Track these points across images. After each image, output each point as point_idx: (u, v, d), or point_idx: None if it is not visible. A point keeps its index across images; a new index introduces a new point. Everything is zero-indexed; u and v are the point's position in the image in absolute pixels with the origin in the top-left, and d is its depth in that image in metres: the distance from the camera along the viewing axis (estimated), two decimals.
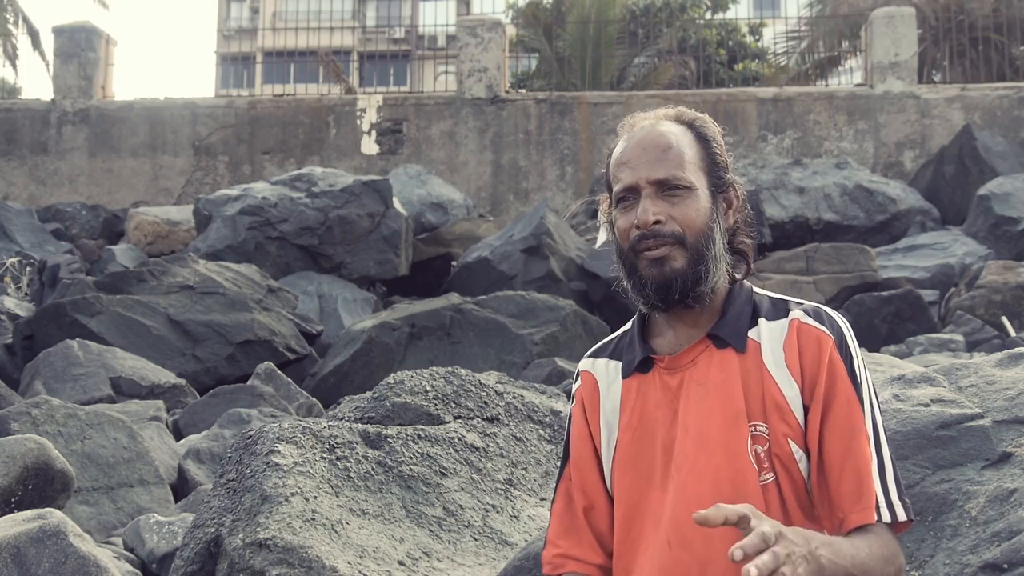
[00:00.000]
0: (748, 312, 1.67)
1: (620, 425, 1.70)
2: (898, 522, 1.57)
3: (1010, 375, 2.51)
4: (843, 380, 1.60)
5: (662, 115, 1.73)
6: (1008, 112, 13.83)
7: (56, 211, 13.44)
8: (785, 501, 1.58)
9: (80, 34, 15.13)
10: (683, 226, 1.62)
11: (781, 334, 1.64)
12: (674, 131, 1.69)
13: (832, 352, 1.61)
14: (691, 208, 1.63)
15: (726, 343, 1.64)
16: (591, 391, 1.76)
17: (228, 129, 14.81)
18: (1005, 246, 10.62)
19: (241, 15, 41.57)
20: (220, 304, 7.89)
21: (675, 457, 1.61)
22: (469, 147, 14.40)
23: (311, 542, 2.51)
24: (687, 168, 1.64)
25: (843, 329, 1.65)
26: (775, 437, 1.58)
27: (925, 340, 7.86)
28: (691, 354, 1.66)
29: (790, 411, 1.59)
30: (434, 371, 3.27)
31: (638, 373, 1.70)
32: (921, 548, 2.24)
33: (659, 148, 1.65)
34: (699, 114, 1.75)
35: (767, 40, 23.14)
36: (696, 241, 1.62)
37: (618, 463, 1.69)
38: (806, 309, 1.67)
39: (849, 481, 1.56)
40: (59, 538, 3.00)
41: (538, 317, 7.68)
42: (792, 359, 1.61)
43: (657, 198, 1.63)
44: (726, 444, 1.59)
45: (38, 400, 4.95)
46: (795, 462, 1.58)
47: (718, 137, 1.72)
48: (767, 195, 11.94)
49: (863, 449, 1.57)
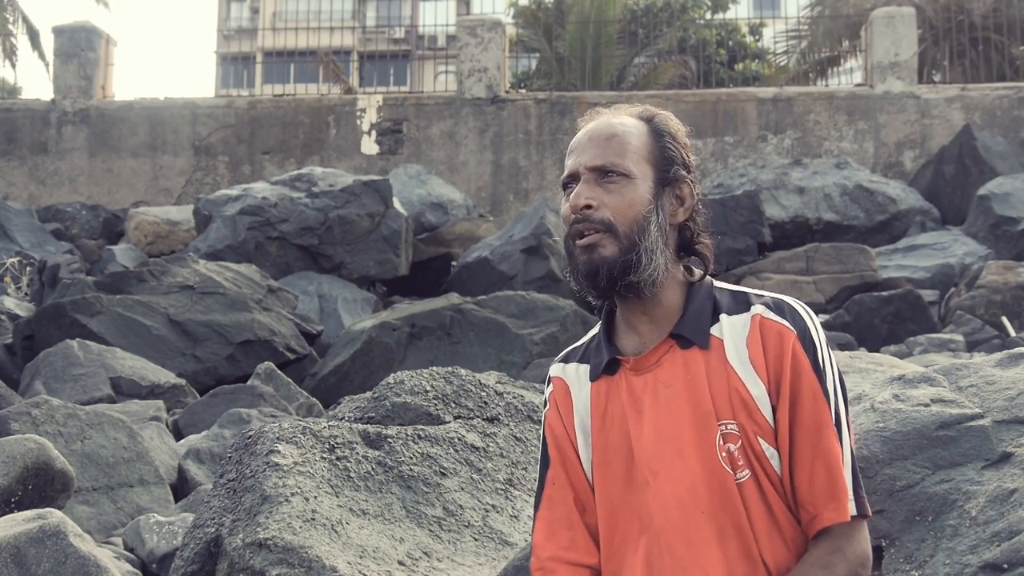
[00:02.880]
0: (709, 308, 1.65)
1: (593, 429, 1.69)
2: (862, 515, 1.57)
3: (1010, 375, 2.51)
4: (807, 374, 1.59)
5: (623, 111, 1.72)
6: (1008, 112, 13.83)
7: (56, 211, 13.44)
8: (766, 496, 1.58)
9: (80, 34, 15.13)
10: (614, 214, 1.61)
11: (744, 330, 1.62)
12: (626, 123, 1.68)
13: (795, 346, 1.59)
14: (626, 196, 1.62)
15: (690, 342, 1.63)
16: (563, 396, 1.75)
17: (228, 129, 14.81)
18: (1005, 246, 10.63)
19: (241, 15, 41.57)
20: (220, 304, 7.89)
21: (650, 461, 1.61)
22: (469, 147, 14.40)
23: (311, 542, 2.51)
24: (628, 157, 1.64)
25: (805, 320, 1.63)
26: (746, 435, 1.58)
27: (925, 340, 7.86)
28: (656, 355, 1.65)
29: (758, 410, 1.58)
30: (434, 371, 3.27)
31: (606, 375, 1.69)
32: (921, 548, 2.24)
33: (603, 136, 1.65)
34: (664, 112, 1.73)
35: (767, 40, 23.14)
36: (627, 230, 1.60)
37: (596, 466, 1.68)
38: (767, 302, 1.65)
39: (820, 478, 1.56)
40: (59, 538, 3.00)
41: (538, 317, 7.68)
42: (756, 356, 1.60)
43: (593, 184, 1.63)
44: (698, 446, 1.59)
45: (38, 400, 4.95)
46: (768, 459, 1.58)
47: (677, 134, 1.70)
48: (767, 195, 11.94)
49: (832, 444, 1.57)
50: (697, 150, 15.23)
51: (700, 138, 14.13)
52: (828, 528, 1.55)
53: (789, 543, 1.58)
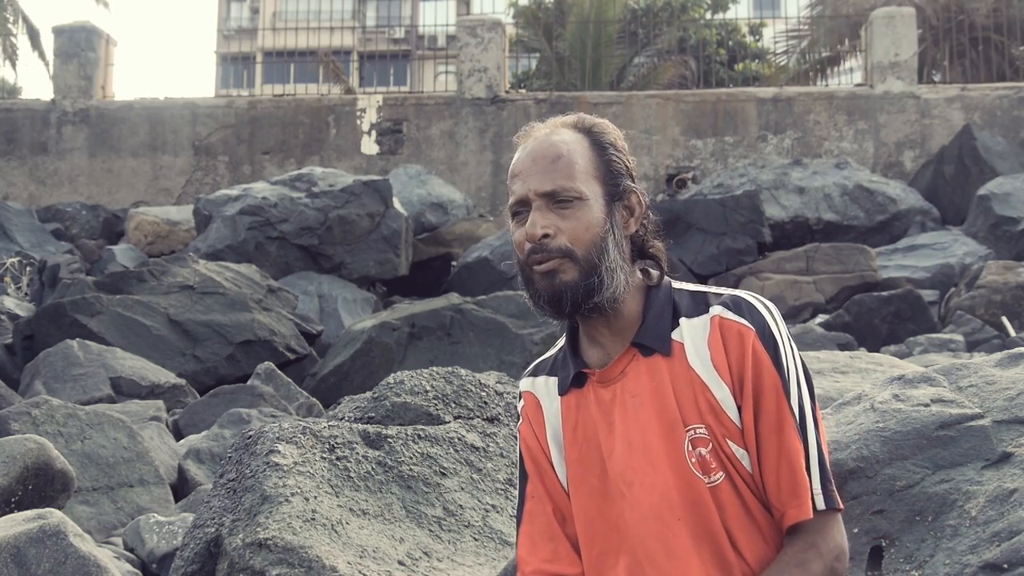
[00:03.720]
0: (668, 312, 1.65)
1: (566, 442, 1.69)
2: (834, 509, 1.57)
3: (1010, 375, 2.51)
4: (769, 372, 1.58)
5: (559, 123, 1.69)
6: (1008, 112, 13.83)
7: (56, 211, 13.44)
8: (742, 496, 1.58)
9: (80, 34, 15.13)
10: (572, 240, 1.59)
11: (704, 332, 1.61)
12: (567, 140, 1.64)
13: (755, 345, 1.58)
14: (582, 220, 1.59)
15: (651, 350, 1.62)
16: (535, 410, 1.74)
17: (228, 129, 14.81)
18: (1005, 246, 10.63)
19: (241, 15, 41.57)
20: (220, 304, 7.89)
21: (623, 472, 1.61)
22: (469, 147, 14.40)
23: (311, 542, 2.51)
24: (577, 178, 1.60)
25: (764, 317, 1.62)
26: (715, 437, 1.57)
27: (925, 340, 7.86)
28: (620, 365, 1.64)
29: (724, 412, 1.58)
30: (434, 371, 3.27)
31: (574, 388, 1.68)
32: (921, 548, 2.24)
33: (548, 159, 1.61)
34: (599, 120, 1.70)
35: (767, 40, 23.14)
36: (587, 254, 1.59)
37: (571, 480, 1.68)
38: (725, 302, 1.64)
39: (785, 476, 1.56)
40: (59, 538, 3.00)
41: (538, 317, 7.66)
42: (719, 358, 1.59)
43: (547, 210, 1.60)
44: (668, 453, 1.58)
45: (38, 400, 4.95)
46: (739, 460, 1.58)
47: (618, 143, 1.68)
48: (767, 195, 11.94)
49: (793, 442, 1.56)
50: (697, 150, 15.20)
51: (700, 138, 14.13)
52: (800, 524, 1.56)
53: (769, 541, 1.59)
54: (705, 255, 10.61)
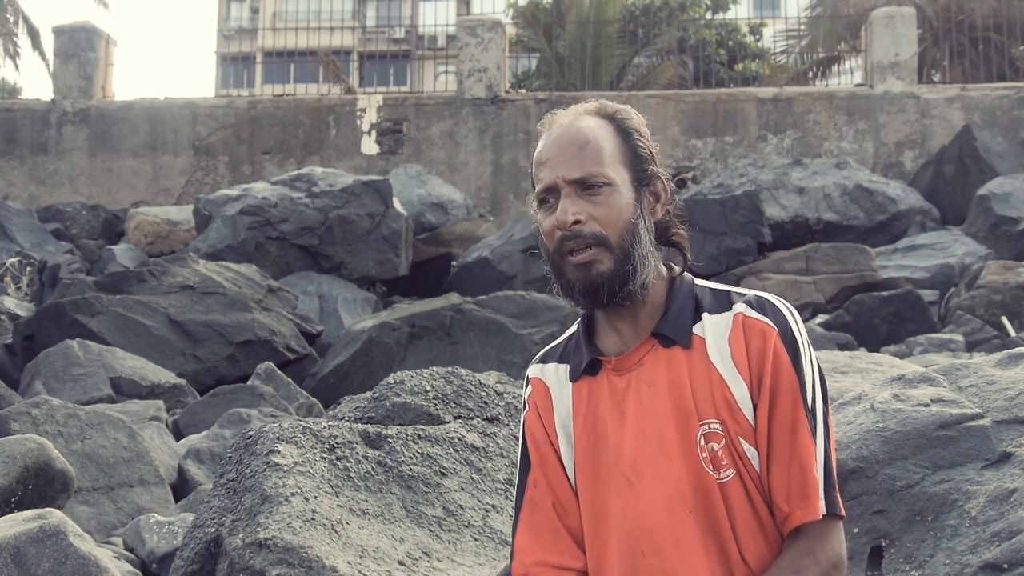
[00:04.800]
0: (691, 307, 1.64)
1: (575, 430, 1.67)
2: (836, 516, 1.56)
3: (1010, 375, 2.51)
4: (787, 372, 1.58)
5: (582, 110, 1.67)
6: (1008, 112, 13.83)
7: (56, 211, 13.44)
8: (750, 496, 1.58)
9: (80, 34, 15.13)
10: (604, 226, 1.58)
11: (726, 329, 1.61)
12: (592, 126, 1.63)
13: (776, 345, 1.58)
14: (613, 206, 1.58)
15: (672, 341, 1.62)
16: (543, 397, 1.73)
17: (228, 129, 14.81)
18: (1005, 246, 10.62)
19: (241, 15, 41.57)
20: (220, 304, 7.89)
21: (634, 462, 1.60)
22: (469, 147, 14.40)
23: (311, 542, 2.51)
24: (606, 163, 1.60)
25: (787, 318, 1.62)
26: (728, 434, 1.57)
27: (925, 340, 7.86)
28: (637, 354, 1.63)
29: (739, 410, 1.57)
30: (434, 371, 3.26)
31: (587, 376, 1.67)
32: (921, 548, 2.24)
33: (576, 145, 1.60)
34: (621, 106, 1.69)
35: (767, 40, 23.14)
36: (620, 240, 1.58)
37: (579, 468, 1.67)
38: (749, 300, 1.63)
39: (796, 476, 1.55)
40: (59, 538, 3.00)
41: (538, 317, 7.67)
42: (739, 356, 1.59)
43: (576, 197, 1.58)
44: (681, 446, 1.58)
45: (38, 400, 4.95)
46: (748, 459, 1.57)
47: (641, 129, 1.67)
48: (767, 195, 11.93)
49: (806, 443, 1.56)
50: (697, 150, 15.20)
51: (700, 138, 14.13)
52: (800, 529, 1.55)
53: (771, 543, 1.58)
54: (705, 255, 10.61)
